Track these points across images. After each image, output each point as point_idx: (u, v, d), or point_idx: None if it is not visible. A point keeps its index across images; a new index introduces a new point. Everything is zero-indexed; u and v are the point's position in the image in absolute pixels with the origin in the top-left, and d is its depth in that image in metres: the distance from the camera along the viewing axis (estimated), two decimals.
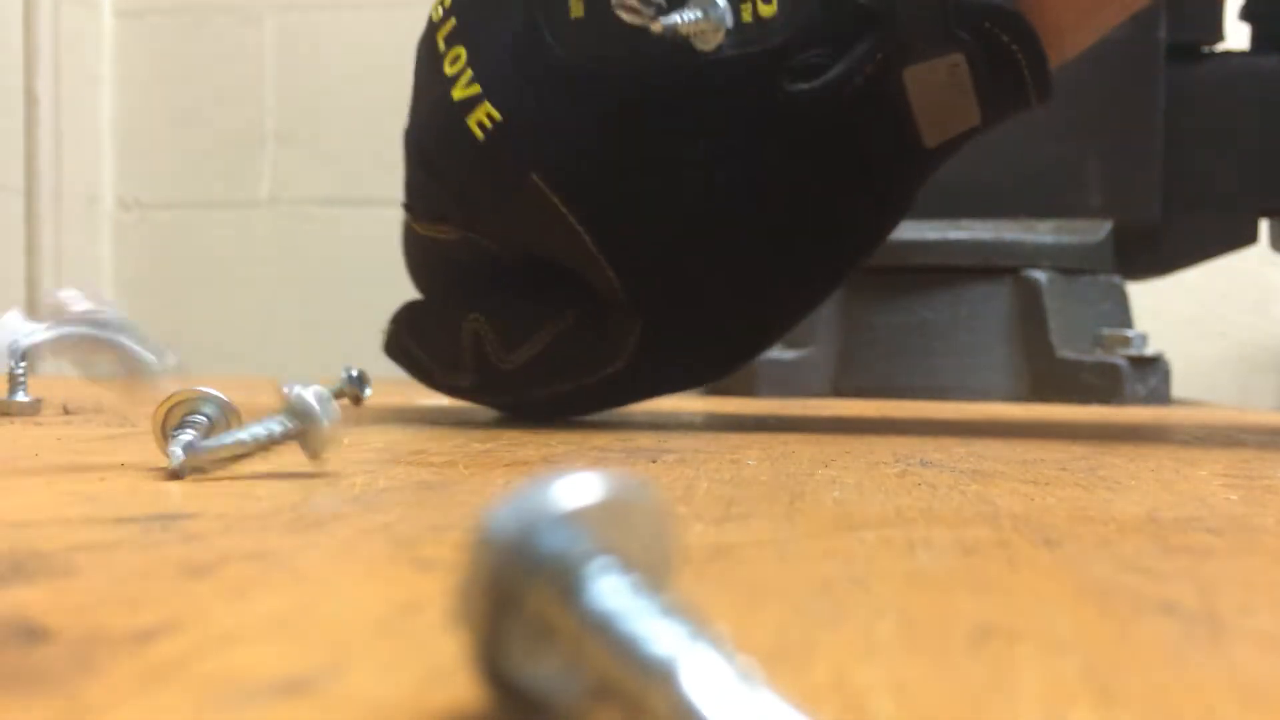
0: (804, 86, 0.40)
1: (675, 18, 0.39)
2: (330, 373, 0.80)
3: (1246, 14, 0.91)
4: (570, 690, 0.11)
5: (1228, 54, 0.90)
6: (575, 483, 0.11)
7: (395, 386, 0.62)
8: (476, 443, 0.39)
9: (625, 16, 0.39)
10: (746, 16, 0.40)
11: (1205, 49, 0.90)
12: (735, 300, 0.44)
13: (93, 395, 0.58)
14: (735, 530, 0.22)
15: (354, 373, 0.63)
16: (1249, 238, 0.91)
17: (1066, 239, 0.88)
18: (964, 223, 0.89)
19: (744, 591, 0.17)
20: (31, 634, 0.13)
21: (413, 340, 0.51)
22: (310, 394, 0.27)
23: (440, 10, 0.45)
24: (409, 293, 0.57)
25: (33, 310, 1.33)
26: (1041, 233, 0.88)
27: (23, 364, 0.31)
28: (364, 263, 1.51)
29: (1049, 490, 0.28)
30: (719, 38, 0.39)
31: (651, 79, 0.41)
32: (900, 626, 0.15)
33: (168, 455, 0.27)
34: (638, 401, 0.50)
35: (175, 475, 0.27)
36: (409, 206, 0.51)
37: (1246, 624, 0.15)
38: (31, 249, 1.46)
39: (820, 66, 0.41)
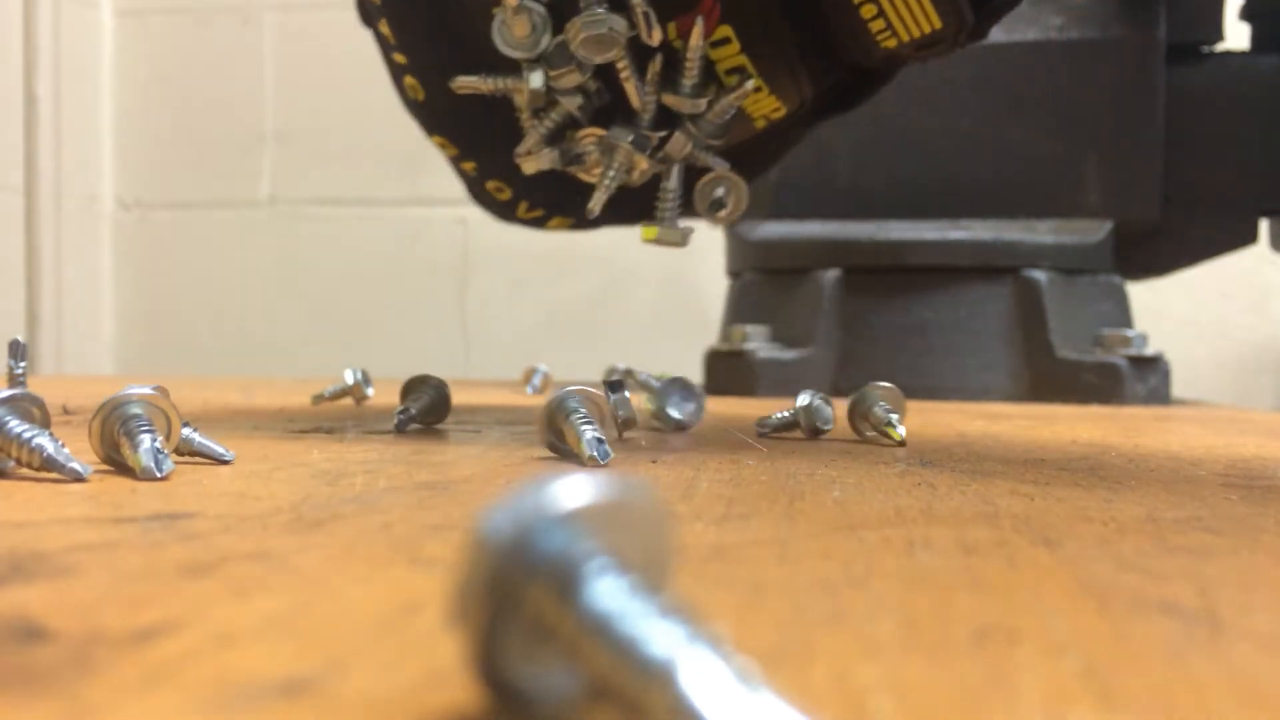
0: None
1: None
2: (330, 372, 0.80)
3: (1246, 14, 0.91)
4: (568, 691, 0.11)
5: (1228, 54, 0.90)
6: (573, 484, 0.11)
7: (396, 386, 0.62)
8: (476, 443, 0.39)
9: None
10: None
11: (1205, 49, 0.90)
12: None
13: (93, 394, 0.58)
14: (735, 530, 0.22)
15: (357, 373, 0.63)
16: (1249, 238, 0.91)
17: (1066, 239, 0.88)
18: (964, 223, 0.89)
19: (744, 591, 0.17)
20: (31, 634, 0.13)
21: None
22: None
23: None
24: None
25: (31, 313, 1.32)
26: (1041, 233, 0.88)
27: (23, 364, 0.31)
28: (364, 263, 1.51)
29: (1049, 490, 0.28)
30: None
31: None
32: (900, 626, 0.15)
33: (142, 469, 0.27)
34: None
35: (162, 477, 0.27)
36: None
37: (1246, 624, 0.15)
38: (31, 249, 1.46)
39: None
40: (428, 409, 0.45)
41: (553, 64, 0.39)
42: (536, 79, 0.39)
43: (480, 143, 0.45)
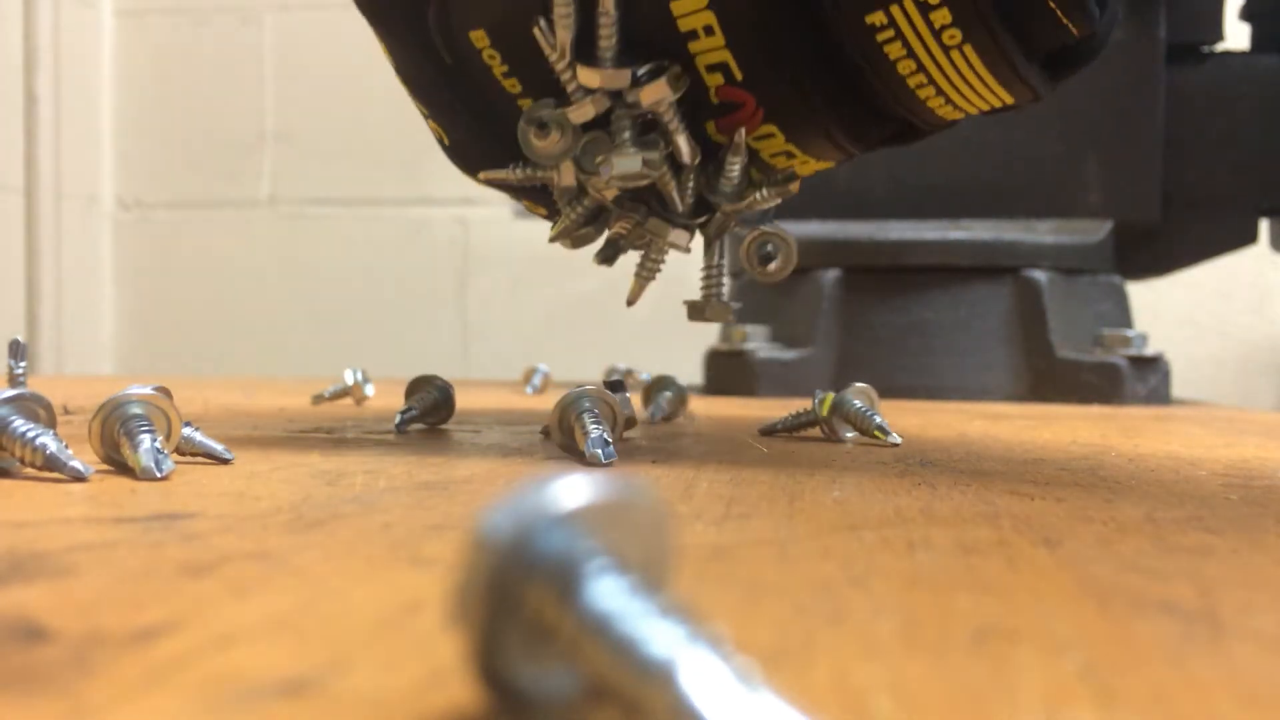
0: None
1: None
2: (330, 372, 0.81)
3: (1246, 14, 0.91)
4: (568, 691, 0.11)
5: (1228, 54, 0.90)
6: (573, 484, 0.11)
7: (396, 386, 0.62)
8: (476, 443, 0.39)
9: None
10: None
11: (1205, 49, 0.90)
12: None
13: (93, 394, 0.58)
14: (735, 530, 0.22)
15: (357, 373, 0.63)
16: (1249, 238, 0.91)
17: (1066, 239, 0.88)
18: (964, 223, 0.89)
19: (744, 591, 0.17)
20: (31, 634, 0.13)
21: None
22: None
23: None
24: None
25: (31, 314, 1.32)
26: (1041, 233, 0.88)
27: (23, 364, 0.31)
28: (363, 263, 1.51)
29: (1049, 490, 0.28)
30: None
31: None
32: (900, 626, 0.15)
33: (142, 469, 0.27)
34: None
35: (162, 477, 0.27)
36: None
37: (1246, 624, 0.15)
38: (31, 249, 1.46)
39: None
40: (431, 409, 0.45)
41: (584, 166, 0.37)
42: (568, 177, 0.37)
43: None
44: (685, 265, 0.47)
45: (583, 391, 0.34)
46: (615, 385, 0.38)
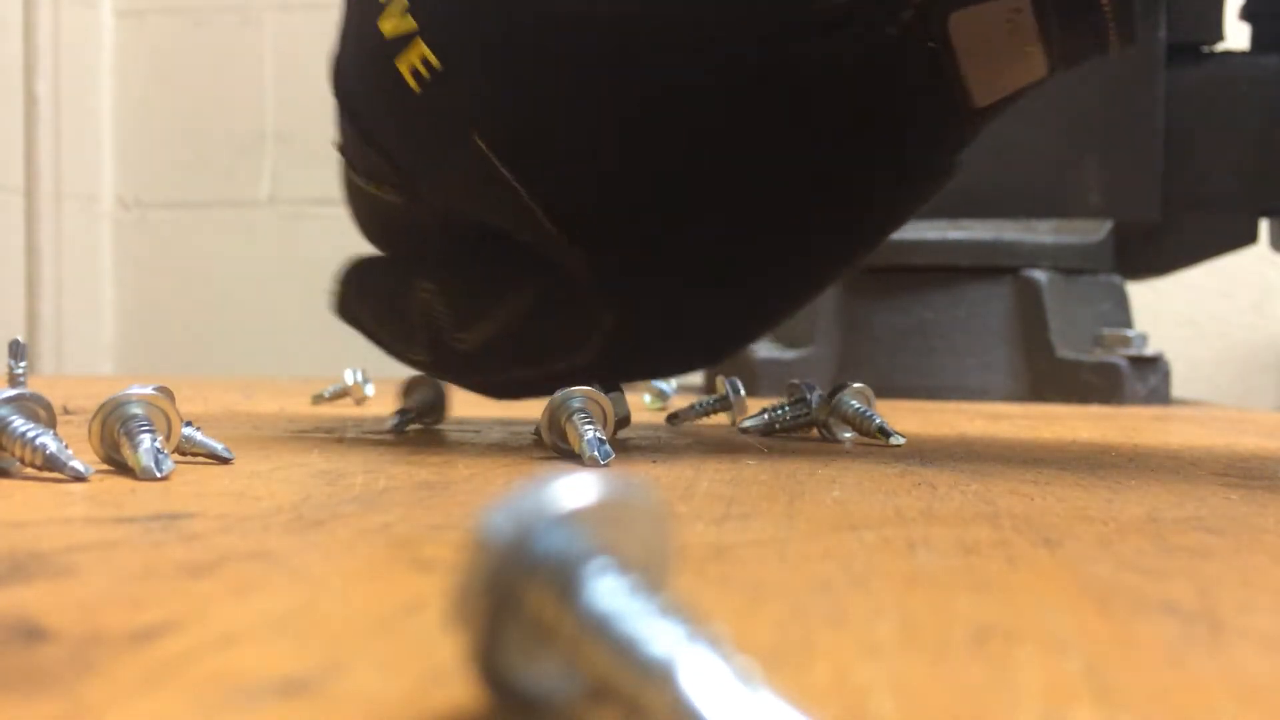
0: (814, 43, 0.32)
1: None
2: (330, 372, 0.80)
3: (1246, 14, 0.91)
4: (568, 691, 0.11)
5: (1228, 54, 0.90)
6: (573, 483, 0.11)
7: (396, 386, 0.62)
8: (476, 443, 0.39)
9: None
10: None
11: (1205, 49, 0.90)
12: (721, 282, 0.37)
13: (93, 394, 0.58)
14: (735, 530, 0.22)
15: (357, 373, 0.63)
16: (1249, 238, 0.91)
17: (1066, 239, 0.88)
18: (964, 223, 0.89)
19: (744, 591, 0.17)
20: (31, 634, 0.13)
21: (362, 307, 0.44)
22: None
23: None
24: None
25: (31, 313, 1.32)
26: (1041, 233, 0.88)
27: (23, 364, 0.31)
28: None
29: (1049, 490, 0.28)
30: None
31: (638, 25, 0.32)
32: (900, 626, 0.15)
33: (142, 469, 0.27)
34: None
35: (162, 477, 0.27)
36: (344, 150, 0.42)
37: (1246, 624, 0.15)
38: (31, 249, 1.46)
39: (840, 16, 0.32)
40: (426, 409, 0.44)
41: None
42: None
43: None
44: None
45: (571, 392, 0.34)
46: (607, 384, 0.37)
